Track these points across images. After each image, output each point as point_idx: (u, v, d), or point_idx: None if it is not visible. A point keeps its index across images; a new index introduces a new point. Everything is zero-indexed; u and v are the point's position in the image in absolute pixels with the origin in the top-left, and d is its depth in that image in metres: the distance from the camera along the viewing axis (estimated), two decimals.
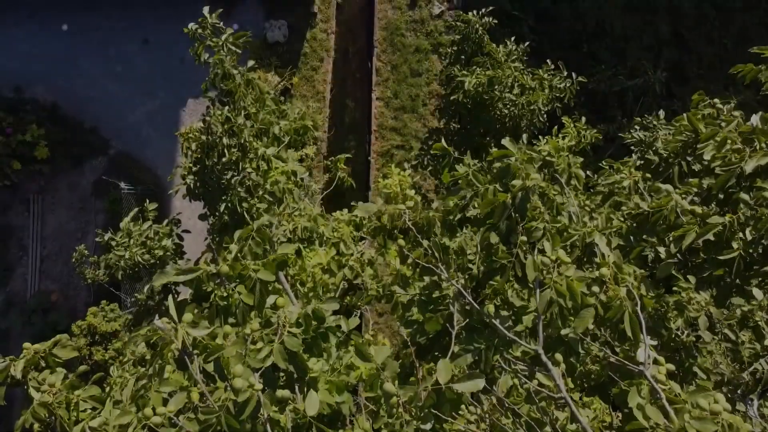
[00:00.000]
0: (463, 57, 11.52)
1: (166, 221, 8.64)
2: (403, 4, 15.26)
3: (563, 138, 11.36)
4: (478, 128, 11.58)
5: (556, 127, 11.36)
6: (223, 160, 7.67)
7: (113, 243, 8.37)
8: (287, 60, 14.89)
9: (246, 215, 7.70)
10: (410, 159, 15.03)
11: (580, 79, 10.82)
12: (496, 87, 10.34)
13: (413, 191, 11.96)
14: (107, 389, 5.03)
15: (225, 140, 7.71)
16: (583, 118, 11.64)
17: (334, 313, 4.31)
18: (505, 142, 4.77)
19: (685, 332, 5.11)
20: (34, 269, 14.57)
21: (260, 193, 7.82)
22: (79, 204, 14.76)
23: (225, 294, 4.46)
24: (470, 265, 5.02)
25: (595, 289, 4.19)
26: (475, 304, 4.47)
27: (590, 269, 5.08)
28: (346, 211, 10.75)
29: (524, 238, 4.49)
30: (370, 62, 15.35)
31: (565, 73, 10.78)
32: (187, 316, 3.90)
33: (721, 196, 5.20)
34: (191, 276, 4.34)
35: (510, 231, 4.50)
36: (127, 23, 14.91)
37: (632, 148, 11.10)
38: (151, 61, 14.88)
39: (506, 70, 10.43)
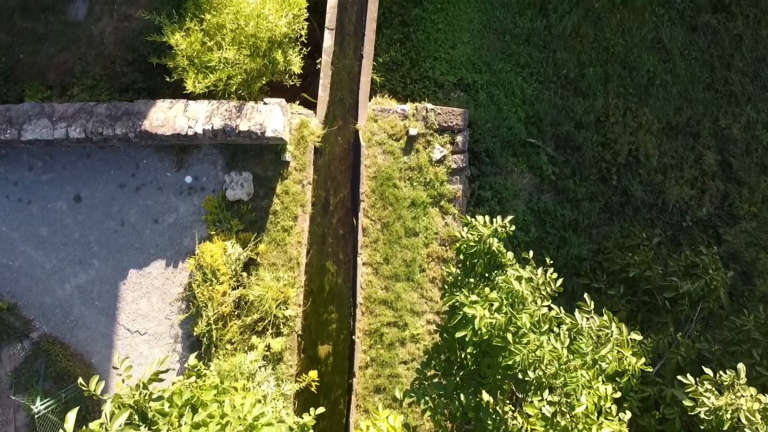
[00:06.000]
0: (471, 280, 8.72)
1: None
2: (396, 148, 12.42)
3: (603, 377, 8.64)
4: (493, 371, 8.78)
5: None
6: None
7: None
8: (252, 221, 12.05)
9: None
10: (408, 361, 12.20)
11: (632, 336, 8.01)
12: (519, 364, 7.52)
13: None
14: None
15: None
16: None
17: None
18: None
19: None
20: None
21: None
22: None
23: None
24: None
25: None
26: None
27: None
28: None
29: None
30: (355, 218, 12.52)
31: (614, 328, 7.94)
32: None
33: None
34: None
35: None
36: (54, 175, 12.04)
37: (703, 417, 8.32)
38: (84, 222, 12.03)
39: (531, 336, 7.59)
